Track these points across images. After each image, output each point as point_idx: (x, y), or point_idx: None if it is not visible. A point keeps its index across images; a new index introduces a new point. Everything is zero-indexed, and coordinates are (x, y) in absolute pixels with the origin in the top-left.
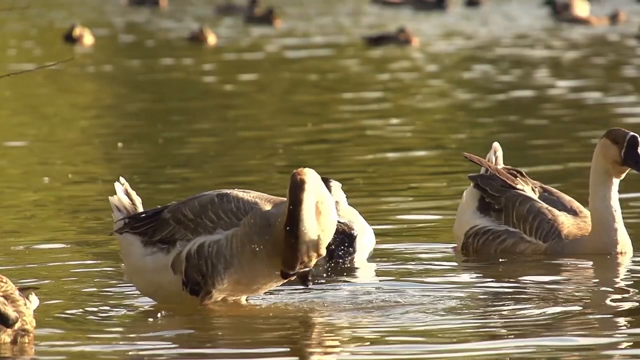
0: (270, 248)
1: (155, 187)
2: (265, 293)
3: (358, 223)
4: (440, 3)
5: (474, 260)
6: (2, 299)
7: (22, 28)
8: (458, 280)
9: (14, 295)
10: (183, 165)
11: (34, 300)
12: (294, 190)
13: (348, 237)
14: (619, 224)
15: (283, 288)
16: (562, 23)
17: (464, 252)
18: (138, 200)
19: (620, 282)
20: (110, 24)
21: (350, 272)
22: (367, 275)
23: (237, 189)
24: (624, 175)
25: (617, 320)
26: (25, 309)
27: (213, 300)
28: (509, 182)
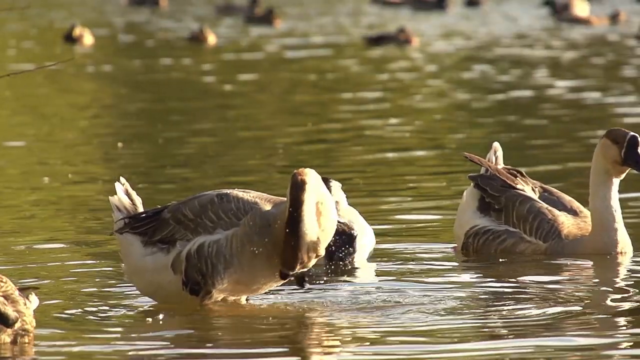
0: (270, 248)
1: (155, 187)
2: (265, 293)
3: (358, 223)
4: (440, 3)
5: (474, 260)
6: (2, 299)
7: (22, 28)
8: (458, 280)
9: (14, 295)
10: (183, 165)
11: (34, 300)
12: (295, 191)
13: (348, 237)
14: (619, 224)
15: (283, 288)
16: (562, 23)
17: (464, 252)
18: (138, 200)
19: (620, 282)
20: (110, 24)
21: (350, 272)
22: (367, 275)
23: (237, 189)
24: (624, 175)
25: (617, 320)
26: (25, 309)
27: (213, 300)
28: (509, 182)
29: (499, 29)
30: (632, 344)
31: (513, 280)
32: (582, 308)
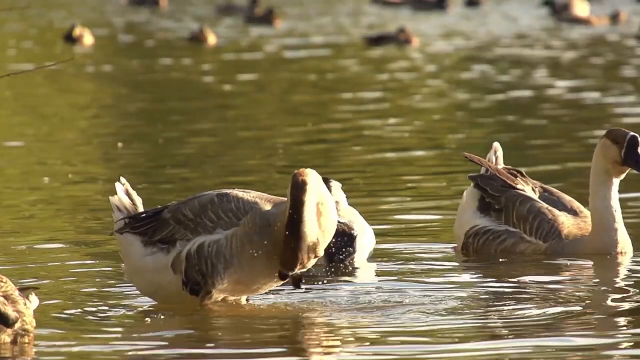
0: (270, 248)
1: (155, 187)
2: (265, 293)
3: (358, 223)
4: (440, 3)
5: (474, 260)
6: (2, 299)
7: (21, 28)
8: (458, 280)
9: (14, 295)
10: (183, 165)
11: (34, 300)
12: (296, 191)
13: (348, 237)
14: (619, 224)
15: (283, 288)
16: (562, 23)
17: (464, 252)
18: (139, 200)
19: (620, 282)
20: (110, 24)
21: (350, 272)
22: (367, 275)
23: (237, 189)
24: (624, 175)
25: (617, 320)
26: (25, 309)
27: (213, 300)
28: (509, 182)
29: (499, 29)
30: (632, 344)
31: (513, 280)
32: (582, 308)
